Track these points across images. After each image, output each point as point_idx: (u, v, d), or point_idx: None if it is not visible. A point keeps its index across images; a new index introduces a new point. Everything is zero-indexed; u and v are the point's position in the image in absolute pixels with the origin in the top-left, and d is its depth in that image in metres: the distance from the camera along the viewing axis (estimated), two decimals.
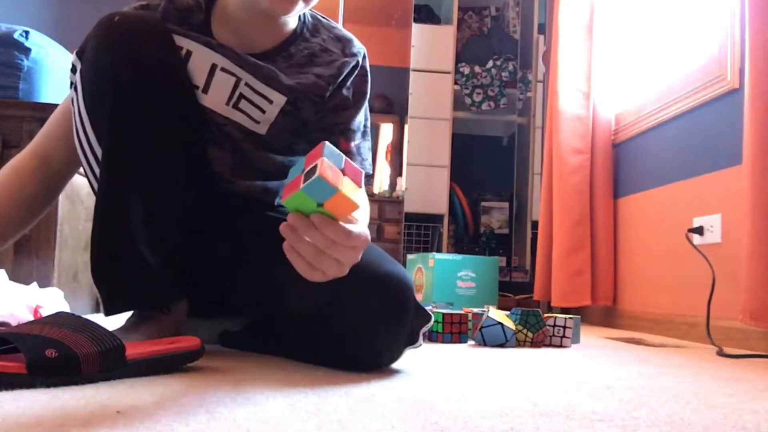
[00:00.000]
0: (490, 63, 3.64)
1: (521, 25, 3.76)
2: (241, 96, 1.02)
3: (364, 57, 1.12)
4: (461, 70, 3.62)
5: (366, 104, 1.13)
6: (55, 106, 1.54)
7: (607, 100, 2.58)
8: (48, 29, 2.38)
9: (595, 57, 2.60)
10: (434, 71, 3.45)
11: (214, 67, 1.01)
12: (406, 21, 3.63)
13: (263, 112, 1.04)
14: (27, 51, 1.53)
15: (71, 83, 0.98)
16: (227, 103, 1.02)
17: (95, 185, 0.98)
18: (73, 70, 0.97)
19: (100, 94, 0.91)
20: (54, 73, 1.61)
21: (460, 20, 3.76)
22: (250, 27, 1.05)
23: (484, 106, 3.62)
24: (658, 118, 2.21)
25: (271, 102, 1.03)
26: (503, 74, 3.64)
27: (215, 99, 1.02)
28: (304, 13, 1.10)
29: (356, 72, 1.11)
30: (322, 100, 1.07)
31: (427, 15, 3.75)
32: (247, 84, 1.02)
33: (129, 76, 0.90)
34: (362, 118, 1.13)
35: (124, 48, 0.90)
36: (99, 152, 0.94)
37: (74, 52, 0.96)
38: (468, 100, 3.62)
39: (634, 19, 2.60)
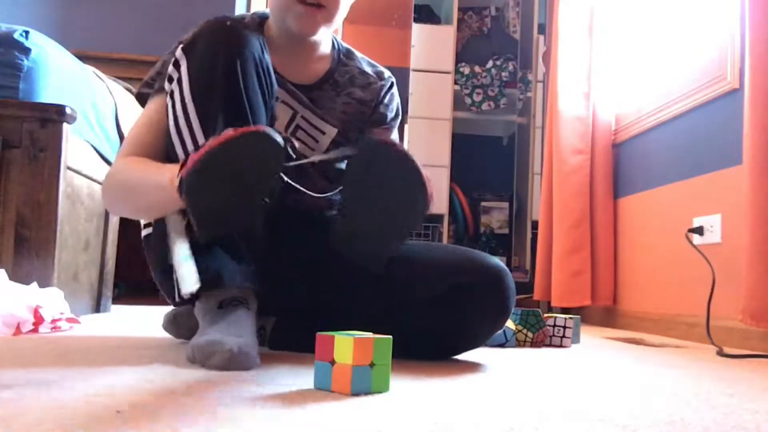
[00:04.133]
0: (490, 63, 3.64)
1: (521, 25, 3.76)
2: (298, 127, 1.14)
3: (393, 84, 1.26)
4: (461, 70, 3.62)
5: (397, 125, 1.27)
6: (56, 106, 1.55)
7: (607, 100, 2.58)
8: (48, 29, 2.38)
9: (595, 57, 2.60)
10: (434, 71, 3.44)
11: (276, 98, 1.09)
12: (406, 21, 3.62)
13: (316, 141, 1.15)
14: (27, 51, 1.53)
15: (170, 78, 1.01)
16: (286, 131, 1.13)
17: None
18: (176, 64, 1.00)
19: (210, 83, 0.96)
20: (54, 73, 1.60)
21: (460, 20, 3.76)
22: (294, 55, 1.14)
23: (484, 106, 3.62)
24: (658, 118, 2.21)
25: (323, 133, 1.16)
26: (503, 74, 3.64)
27: (278, 124, 1.11)
28: (337, 42, 1.23)
29: (390, 92, 1.24)
30: (366, 122, 1.21)
31: (427, 15, 3.75)
32: (302, 117, 1.14)
33: (239, 69, 0.96)
34: (395, 137, 1.25)
35: (238, 47, 0.96)
36: (200, 137, 0.96)
37: (179, 48, 1.00)
38: (468, 100, 3.61)
39: (635, 20, 2.60)
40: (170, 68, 1.01)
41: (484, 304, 1.07)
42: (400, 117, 1.27)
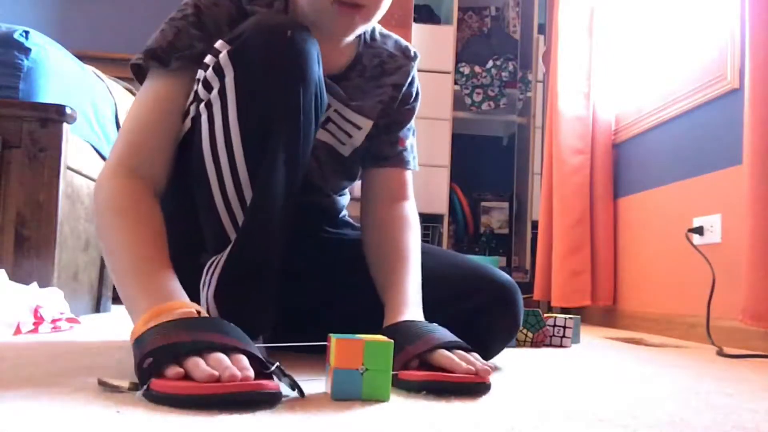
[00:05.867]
0: (490, 63, 3.64)
1: (521, 25, 3.76)
2: (329, 119, 1.05)
3: (417, 60, 1.20)
4: (461, 70, 3.62)
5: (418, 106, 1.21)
6: (56, 106, 1.55)
7: (607, 100, 2.58)
8: (48, 29, 2.38)
9: (595, 57, 2.60)
10: (434, 71, 3.44)
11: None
12: (406, 21, 3.62)
13: (350, 136, 1.08)
14: (27, 51, 1.53)
15: (206, 84, 0.87)
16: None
17: (222, 189, 0.88)
18: (218, 71, 0.86)
19: (263, 109, 0.85)
20: (54, 73, 1.60)
21: (460, 20, 3.76)
22: (320, 42, 0.97)
23: (484, 106, 3.62)
24: (658, 118, 2.21)
25: (359, 128, 1.08)
26: (503, 74, 3.64)
27: None
28: None
29: (414, 70, 1.18)
30: (395, 108, 1.14)
31: (427, 15, 3.75)
32: (336, 110, 1.05)
33: (301, 100, 0.86)
34: (412, 125, 1.20)
35: (301, 71, 0.85)
36: (242, 171, 0.85)
37: (225, 52, 0.85)
38: (468, 100, 3.61)
39: (635, 20, 2.60)
40: (209, 72, 0.87)
41: (498, 322, 1.04)
42: (420, 97, 1.20)
